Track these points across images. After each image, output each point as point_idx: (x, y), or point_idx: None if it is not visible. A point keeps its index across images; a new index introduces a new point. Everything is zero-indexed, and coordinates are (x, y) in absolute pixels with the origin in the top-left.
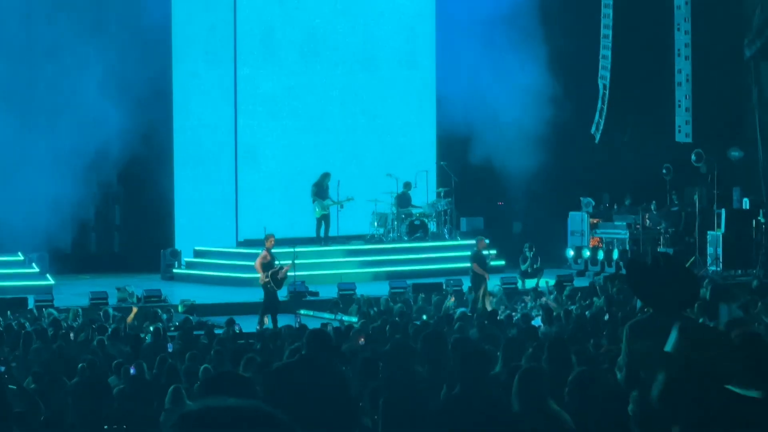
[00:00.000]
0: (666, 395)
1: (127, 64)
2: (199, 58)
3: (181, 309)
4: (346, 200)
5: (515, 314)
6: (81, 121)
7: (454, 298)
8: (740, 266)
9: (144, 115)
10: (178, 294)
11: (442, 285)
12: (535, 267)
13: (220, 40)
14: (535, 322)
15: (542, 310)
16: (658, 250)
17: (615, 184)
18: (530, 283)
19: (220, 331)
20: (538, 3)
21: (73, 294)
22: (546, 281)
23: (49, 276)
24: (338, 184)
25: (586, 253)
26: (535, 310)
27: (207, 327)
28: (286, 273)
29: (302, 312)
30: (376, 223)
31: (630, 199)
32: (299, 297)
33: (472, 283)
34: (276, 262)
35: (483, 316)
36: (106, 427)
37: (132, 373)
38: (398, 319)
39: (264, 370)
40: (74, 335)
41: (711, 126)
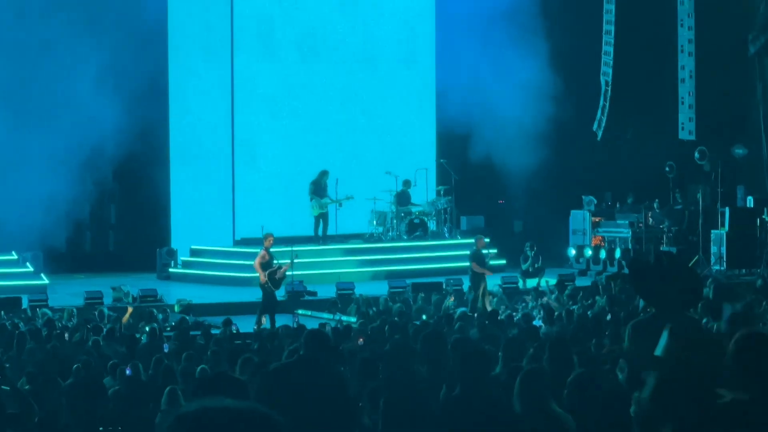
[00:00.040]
0: (656, 397)
1: (123, 60)
2: (197, 55)
3: (177, 309)
4: (346, 199)
5: (516, 314)
6: (76, 118)
7: (453, 298)
8: (744, 265)
9: (140, 112)
10: (175, 294)
11: (442, 284)
12: (536, 266)
13: (218, 36)
14: (536, 322)
15: (543, 310)
16: (661, 249)
17: (617, 182)
18: (531, 283)
19: (216, 331)
20: None
21: (67, 293)
22: (547, 281)
23: (43, 275)
24: (337, 182)
25: (588, 252)
26: (536, 310)
27: (204, 327)
28: (285, 273)
29: (300, 312)
30: (375, 222)
31: (632, 198)
32: (297, 297)
33: (471, 283)
34: (274, 261)
35: (483, 316)
36: (101, 428)
37: (127, 373)
38: (397, 319)
39: (261, 370)
40: (69, 335)
41: (715, 123)
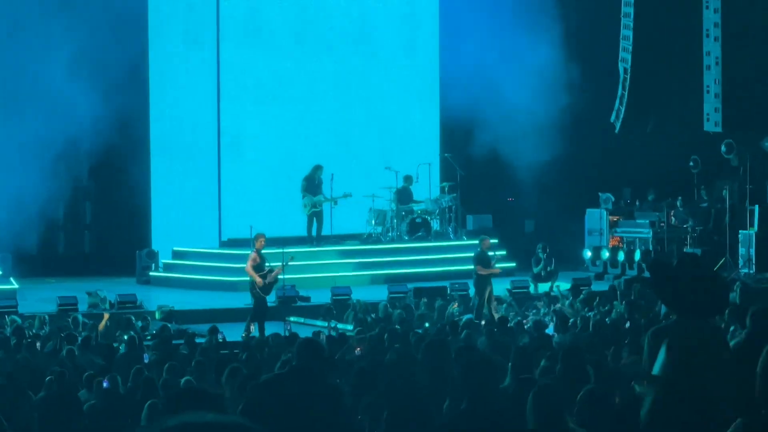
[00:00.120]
0: (653, 417)
1: (99, 44)
2: (179, 39)
3: (158, 316)
4: (343, 196)
5: (527, 321)
6: (47, 108)
7: (458, 304)
8: None
9: (118, 101)
10: (155, 299)
11: (447, 289)
12: (549, 269)
13: (202, 20)
14: (548, 330)
15: (556, 316)
16: (685, 251)
17: (637, 178)
18: (543, 287)
19: (201, 340)
20: None
21: (39, 299)
22: (558, 285)
23: (12, 279)
24: (332, 178)
25: (605, 254)
26: (549, 317)
27: (187, 335)
28: (276, 277)
29: (292, 319)
30: (373, 221)
31: (653, 195)
32: (289, 303)
33: (475, 287)
34: (266, 264)
35: (491, 323)
36: None
37: (104, 386)
38: (398, 326)
39: (250, 382)
40: (41, 345)
41: (743, 113)
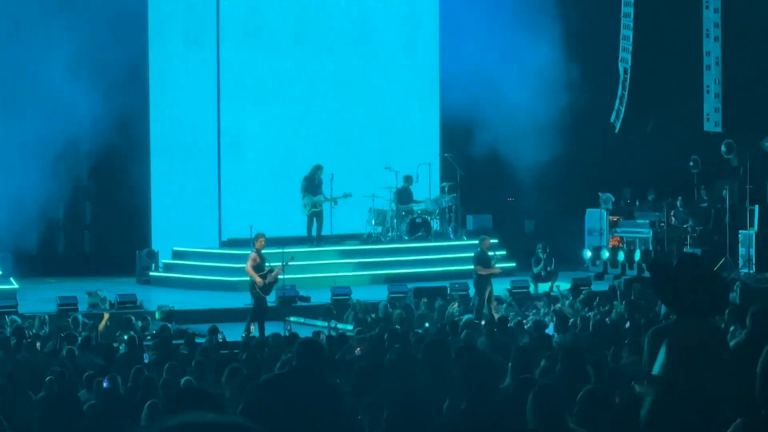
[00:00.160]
0: (652, 417)
1: (99, 44)
2: (179, 39)
3: (158, 316)
4: (343, 196)
5: (527, 321)
6: (47, 108)
7: (458, 304)
8: None
9: (118, 101)
10: (155, 299)
11: (447, 289)
12: (548, 269)
13: (203, 20)
14: (548, 330)
15: (556, 316)
16: (685, 251)
17: (637, 178)
18: (543, 287)
19: (201, 340)
20: None
21: (39, 299)
22: (558, 285)
23: (12, 279)
24: (332, 178)
25: (606, 254)
26: (549, 317)
27: (187, 336)
28: (276, 277)
29: (292, 319)
30: (373, 221)
31: (653, 195)
32: (289, 303)
33: (475, 287)
34: (266, 264)
35: (492, 323)
36: None
37: (104, 386)
38: (398, 326)
39: (250, 382)
40: (41, 345)
41: (743, 114)
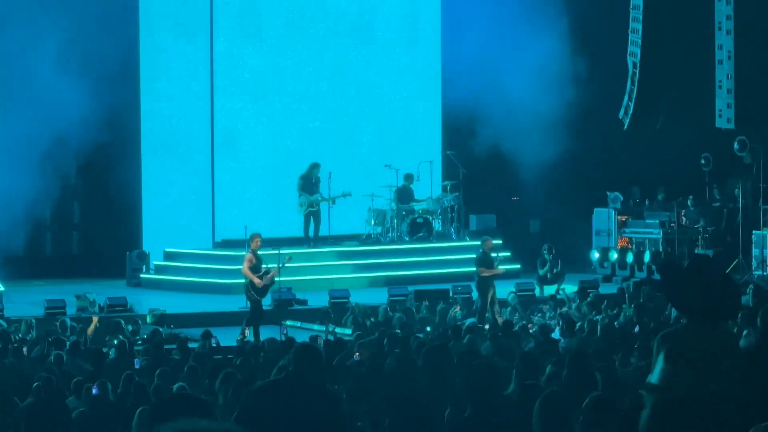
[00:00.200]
0: (651, 425)
1: (88, 37)
2: (171, 32)
3: (149, 319)
4: (342, 196)
5: (532, 325)
6: (35, 104)
7: (460, 307)
8: None
9: (107, 97)
10: (146, 302)
11: (449, 292)
12: (554, 271)
13: (196, 12)
14: (554, 334)
15: (563, 320)
16: (696, 252)
17: (646, 177)
18: (549, 290)
19: (194, 344)
20: None
21: (25, 302)
22: (563, 288)
23: None
24: (330, 177)
25: (614, 256)
26: (555, 321)
27: (179, 340)
28: (272, 279)
29: (288, 323)
30: (372, 221)
31: (663, 194)
32: (285, 306)
33: (478, 290)
34: (262, 265)
35: (496, 327)
36: None
37: (94, 392)
38: (398, 330)
39: (245, 388)
40: (27, 349)
41: (756, 110)
